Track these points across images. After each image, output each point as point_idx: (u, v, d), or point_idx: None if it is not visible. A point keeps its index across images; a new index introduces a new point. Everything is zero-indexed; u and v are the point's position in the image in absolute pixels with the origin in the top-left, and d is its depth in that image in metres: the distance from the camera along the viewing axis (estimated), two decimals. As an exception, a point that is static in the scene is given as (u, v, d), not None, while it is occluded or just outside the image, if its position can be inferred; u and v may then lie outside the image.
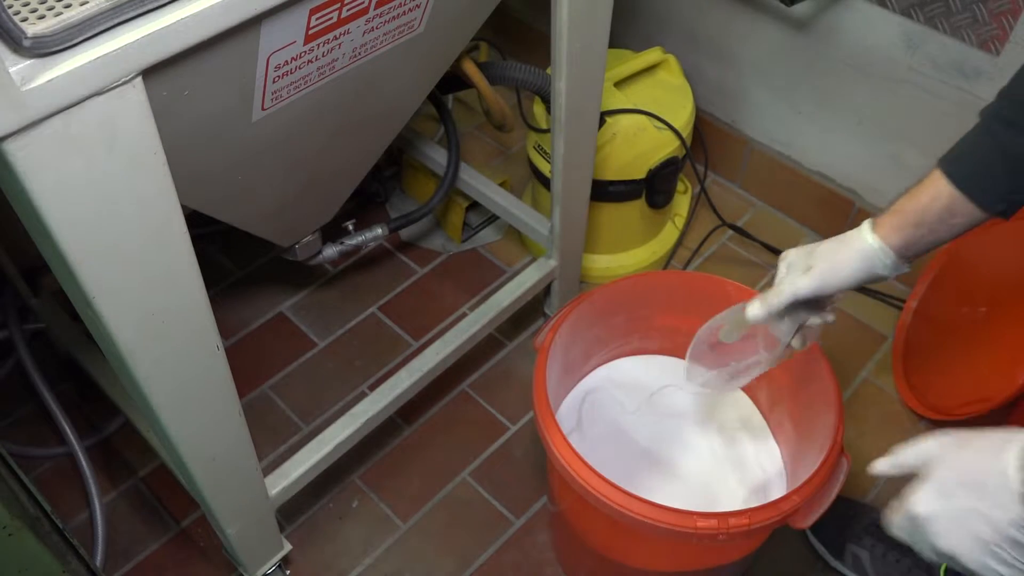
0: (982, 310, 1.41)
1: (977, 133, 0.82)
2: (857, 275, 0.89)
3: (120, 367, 0.86)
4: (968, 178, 0.81)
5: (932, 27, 1.36)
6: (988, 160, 0.80)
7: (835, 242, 0.90)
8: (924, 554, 0.70)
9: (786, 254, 0.95)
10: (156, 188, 0.73)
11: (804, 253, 0.93)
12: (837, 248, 0.90)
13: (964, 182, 0.81)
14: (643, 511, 0.97)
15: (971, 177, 0.81)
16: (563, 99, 1.16)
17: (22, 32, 0.59)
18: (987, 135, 0.81)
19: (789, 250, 0.95)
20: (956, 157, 0.83)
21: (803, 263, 0.92)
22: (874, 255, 0.87)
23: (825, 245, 0.91)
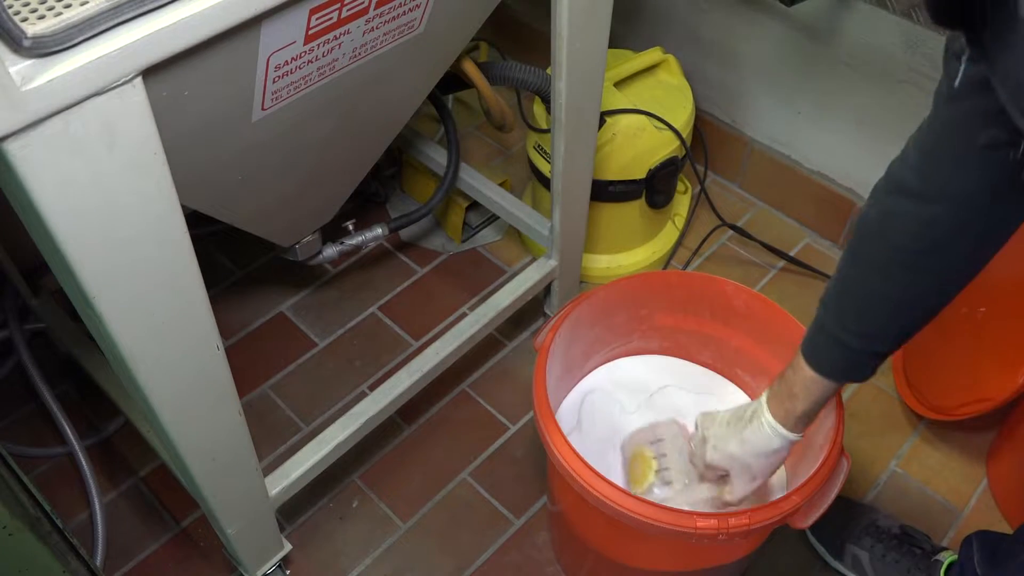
0: (982, 310, 1.41)
1: (825, 333, 0.89)
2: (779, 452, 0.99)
3: (120, 367, 0.86)
4: (837, 371, 0.90)
5: (932, 27, 1.36)
6: (849, 359, 0.88)
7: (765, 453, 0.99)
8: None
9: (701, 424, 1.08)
10: (156, 188, 0.73)
11: (740, 467, 1.02)
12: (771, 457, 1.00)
13: (839, 375, 0.91)
14: (643, 511, 0.97)
15: (840, 371, 0.90)
16: (563, 99, 1.16)
17: (22, 32, 0.59)
18: (835, 338, 0.88)
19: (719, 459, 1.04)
20: (818, 358, 0.91)
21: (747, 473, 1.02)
22: (784, 437, 0.97)
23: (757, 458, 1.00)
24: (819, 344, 0.90)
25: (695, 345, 1.33)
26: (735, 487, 1.04)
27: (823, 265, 1.69)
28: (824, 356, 0.90)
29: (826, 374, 0.90)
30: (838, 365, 0.90)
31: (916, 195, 0.77)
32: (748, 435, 0.99)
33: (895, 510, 1.35)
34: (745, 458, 1.00)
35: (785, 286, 1.69)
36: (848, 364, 0.89)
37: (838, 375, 0.90)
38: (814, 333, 0.91)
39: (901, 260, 0.81)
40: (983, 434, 1.47)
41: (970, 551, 1.15)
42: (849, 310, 0.86)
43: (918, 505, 1.40)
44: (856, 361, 0.89)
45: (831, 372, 0.90)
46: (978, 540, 1.15)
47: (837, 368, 0.90)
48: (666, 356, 1.35)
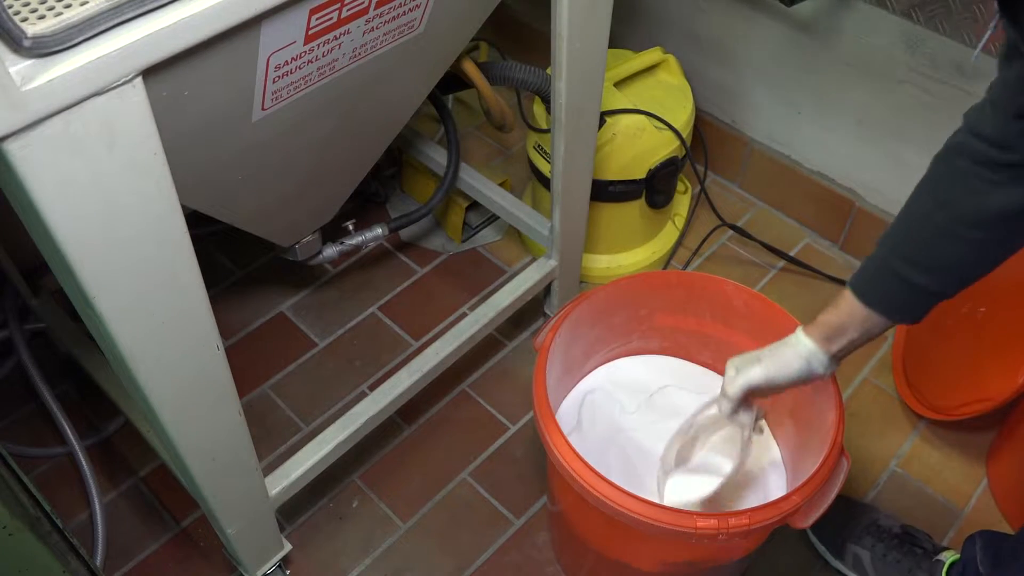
0: (982, 310, 1.41)
1: (885, 268, 0.90)
2: (800, 372, 0.99)
3: (120, 367, 0.86)
4: (880, 302, 0.91)
5: (932, 27, 1.36)
6: (901, 294, 0.89)
7: (777, 345, 1.01)
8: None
9: (731, 361, 1.05)
10: (156, 188, 0.73)
11: (751, 356, 1.03)
12: (781, 349, 1.00)
13: (878, 306, 0.91)
14: (643, 511, 0.97)
15: (881, 301, 0.91)
16: (563, 99, 1.16)
17: (22, 32, 0.59)
18: (897, 275, 0.88)
19: (734, 357, 1.05)
20: (870, 288, 0.92)
21: (751, 360, 1.02)
22: (811, 356, 0.98)
23: (768, 348, 1.02)
24: (877, 280, 0.91)
25: (695, 345, 1.33)
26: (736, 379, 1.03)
27: (823, 265, 1.69)
28: (881, 291, 0.90)
29: (881, 309, 0.91)
30: (896, 301, 0.90)
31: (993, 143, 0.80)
32: (775, 351, 1.00)
33: (895, 510, 1.35)
34: (768, 374, 1.00)
35: (785, 286, 1.69)
36: (907, 302, 0.90)
37: (893, 312, 0.91)
38: (872, 269, 0.91)
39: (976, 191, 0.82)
40: (983, 434, 1.47)
41: (973, 550, 1.15)
42: (919, 247, 0.86)
43: (918, 505, 1.40)
44: (916, 300, 0.89)
45: (887, 308, 0.91)
46: (981, 540, 1.15)
47: (894, 304, 0.90)
48: (666, 356, 1.35)
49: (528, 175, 1.78)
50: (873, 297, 0.91)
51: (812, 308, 0.94)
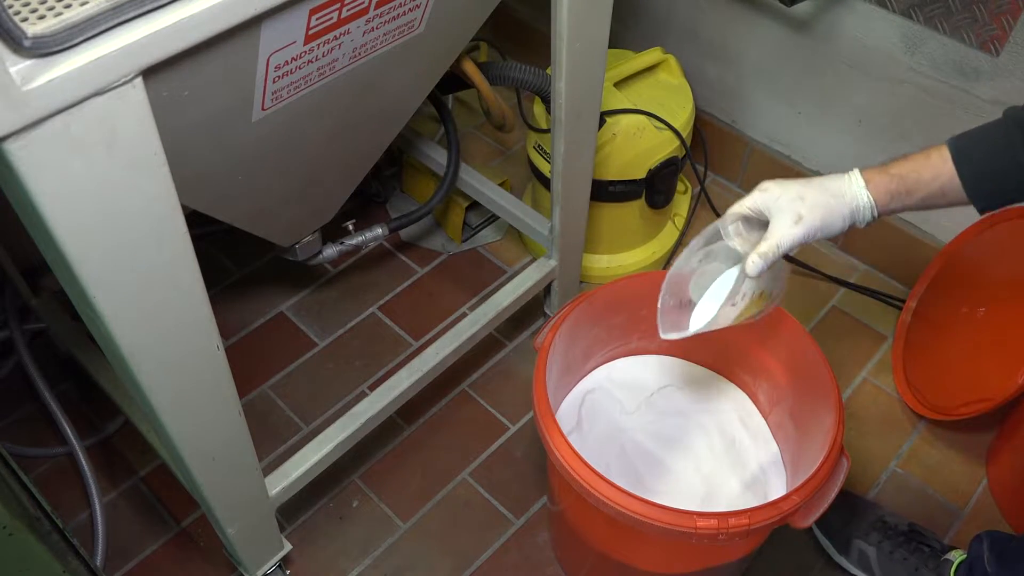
0: (982, 310, 1.42)
1: (998, 137, 0.82)
2: (842, 229, 0.89)
3: (120, 367, 0.86)
4: (975, 178, 0.82)
5: (932, 27, 1.36)
6: (1001, 169, 0.81)
7: (826, 193, 0.88)
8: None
9: (768, 188, 0.90)
10: (156, 188, 0.73)
11: (793, 197, 0.88)
12: (830, 202, 0.88)
13: (971, 180, 0.83)
14: (643, 511, 0.97)
15: (978, 178, 0.83)
16: (563, 99, 1.16)
17: (22, 32, 0.59)
18: (1008, 147, 0.81)
19: (771, 184, 0.90)
20: (970, 154, 0.83)
21: (792, 210, 0.88)
22: (862, 212, 0.87)
23: (815, 193, 0.88)
24: (981, 139, 0.82)
25: (695, 345, 1.33)
26: (771, 232, 0.88)
27: (823, 265, 1.69)
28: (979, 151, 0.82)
29: (966, 170, 0.82)
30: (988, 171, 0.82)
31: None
32: (820, 178, 0.88)
33: (895, 509, 1.35)
34: (802, 189, 0.88)
35: (785, 286, 1.68)
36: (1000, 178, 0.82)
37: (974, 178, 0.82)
38: (984, 130, 0.83)
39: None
40: (983, 434, 1.47)
41: (980, 550, 1.15)
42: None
43: (918, 505, 1.40)
44: (1013, 180, 0.81)
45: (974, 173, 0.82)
46: (988, 539, 1.15)
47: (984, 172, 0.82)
48: (666, 356, 1.35)
49: (528, 175, 1.78)
50: (971, 162, 0.81)
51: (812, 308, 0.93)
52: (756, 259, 0.89)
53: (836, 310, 1.65)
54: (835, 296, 1.67)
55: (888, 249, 1.66)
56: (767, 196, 0.90)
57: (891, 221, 1.62)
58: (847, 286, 1.68)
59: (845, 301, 1.66)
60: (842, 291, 1.67)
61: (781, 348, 1.21)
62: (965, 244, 1.47)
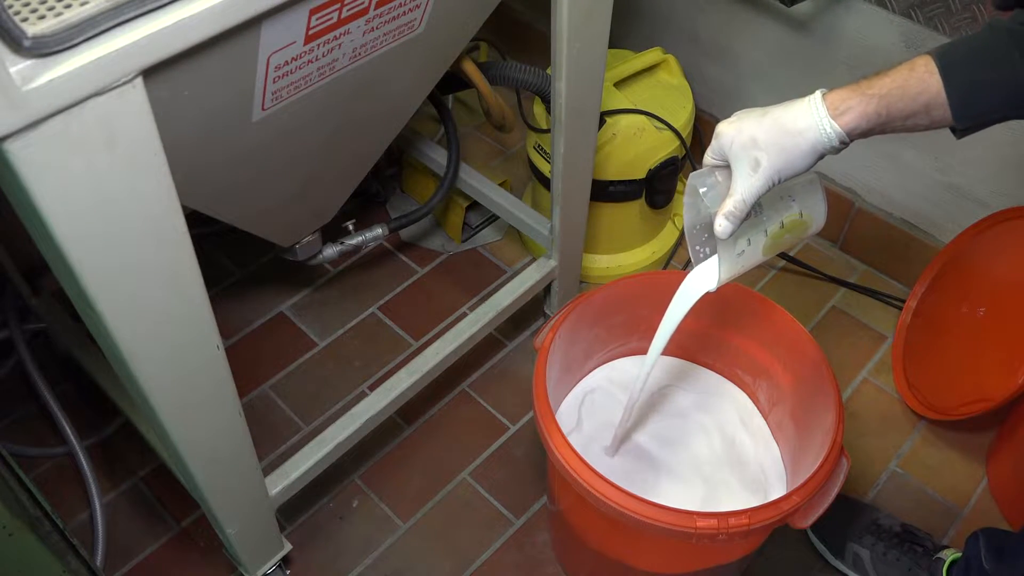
0: (982, 310, 1.42)
1: (992, 50, 0.73)
2: (810, 166, 0.80)
3: (120, 367, 0.86)
4: (965, 91, 0.73)
5: (932, 28, 1.36)
6: (993, 82, 0.73)
7: (782, 131, 0.78)
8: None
9: (722, 132, 0.83)
10: (156, 188, 0.73)
11: (746, 143, 0.80)
12: (787, 141, 0.78)
13: (958, 94, 0.73)
14: (643, 511, 0.97)
15: (968, 92, 0.74)
16: (563, 99, 1.16)
17: (22, 32, 0.59)
18: (1004, 59, 0.72)
19: (725, 126, 0.82)
20: (961, 66, 0.74)
21: (748, 157, 0.80)
22: (827, 145, 0.78)
23: (770, 133, 0.79)
24: (971, 51, 0.73)
25: (695, 345, 1.33)
26: (734, 186, 0.81)
27: (823, 265, 1.69)
28: (970, 64, 0.73)
29: (953, 83, 0.73)
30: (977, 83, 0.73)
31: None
32: (777, 109, 0.79)
33: (895, 510, 1.35)
34: (755, 129, 0.79)
35: (785, 286, 1.68)
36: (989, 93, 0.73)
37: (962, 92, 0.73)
38: (974, 41, 0.74)
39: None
40: (983, 434, 1.47)
41: (977, 547, 1.15)
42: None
43: (918, 505, 1.40)
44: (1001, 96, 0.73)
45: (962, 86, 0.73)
46: (985, 536, 1.15)
47: (973, 84, 0.73)
48: (666, 356, 1.35)
49: (528, 175, 1.78)
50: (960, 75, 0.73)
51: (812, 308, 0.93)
52: (722, 221, 0.82)
53: (836, 310, 1.65)
54: (835, 296, 1.67)
55: (888, 249, 1.66)
56: (722, 142, 0.82)
57: (891, 221, 1.62)
58: (847, 286, 1.68)
59: (845, 301, 1.66)
60: (842, 291, 1.67)
61: (781, 348, 1.21)
62: (965, 244, 1.47)
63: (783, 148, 0.78)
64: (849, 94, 0.76)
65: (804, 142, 0.78)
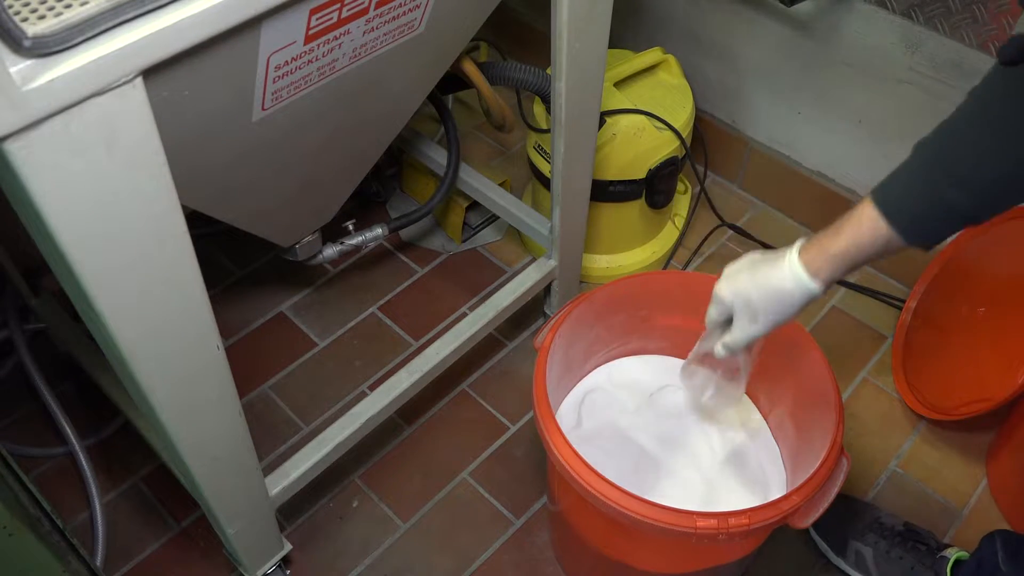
0: (982, 310, 1.42)
1: (918, 181, 0.82)
2: (798, 314, 0.93)
3: (121, 367, 0.86)
4: (911, 226, 0.82)
5: (932, 28, 1.36)
6: (932, 213, 0.81)
7: (773, 297, 0.92)
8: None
9: (721, 296, 0.97)
10: (156, 188, 0.73)
11: (743, 305, 0.95)
12: (776, 304, 0.92)
13: (908, 230, 0.82)
14: (643, 511, 0.97)
15: (914, 225, 0.82)
16: (563, 99, 1.16)
17: (22, 32, 0.59)
18: (932, 187, 0.80)
19: (723, 289, 0.97)
20: (898, 205, 0.83)
21: (747, 312, 0.95)
22: (814, 297, 0.90)
23: (764, 299, 0.92)
24: (904, 188, 0.81)
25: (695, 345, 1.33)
26: (733, 329, 0.97)
27: (823, 265, 1.69)
28: (907, 201, 0.81)
29: (899, 223, 0.81)
30: (919, 216, 0.81)
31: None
32: (764, 268, 0.92)
33: (895, 509, 1.35)
34: (750, 291, 0.93)
35: (785, 286, 1.68)
36: (933, 220, 0.81)
37: (910, 227, 0.81)
38: (902, 176, 0.82)
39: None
40: (983, 434, 1.47)
41: (993, 547, 1.14)
42: (966, 160, 0.77)
43: (918, 505, 1.40)
44: (944, 219, 0.80)
45: (908, 222, 0.81)
46: (1001, 538, 1.15)
47: (916, 218, 0.81)
48: (666, 356, 1.35)
49: (528, 175, 1.78)
50: (902, 214, 0.81)
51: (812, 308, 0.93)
52: (720, 350, 1.00)
53: (836, 310, 1.65)
54: (835, 296, 1.67)
55: (888, 249, 1.65)
56: (725, 305, 0.98)
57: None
58: (847, 286, 1.68)
59: (845, 301, 1.66)
60: (842, 291, 1.68)
61: (781, 348, 1.21)
62: (965, 244, 1.47)
63: (779, 309, 0.92)
64: (817, 255, 0.87)
65: (796, 300, 0.91)
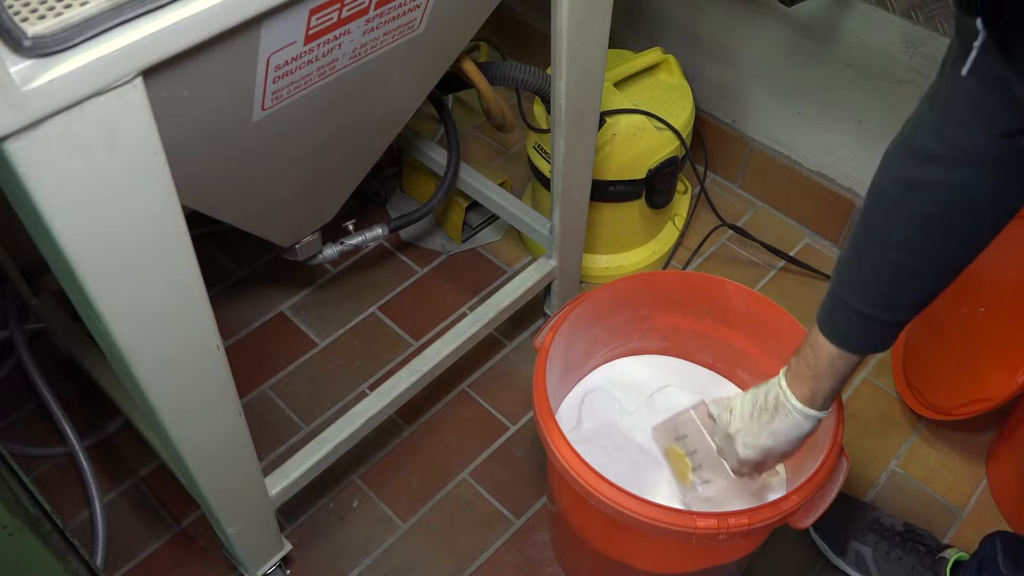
0: (982, 310, 1.41)
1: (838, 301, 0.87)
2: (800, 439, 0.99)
3: (121, 367, 0.86)
4: (849, 342, 0.89)
5: (932, 28, 1.36)
6: (858, 329, 0.88)
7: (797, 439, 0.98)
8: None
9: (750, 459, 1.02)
10: (156, 188, 0.73)
11: (773, 457, 1.01)
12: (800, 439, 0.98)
13: (855, 346, 0.89)
14: (643, 511, 0.97)
15: (857, 341, 0.89)
16: (563, 99, 1.16)
17: (22, 32, 0.59)
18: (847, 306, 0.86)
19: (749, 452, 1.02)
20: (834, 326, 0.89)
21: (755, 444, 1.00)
22: (815, 423, 0.96)
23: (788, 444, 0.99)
24: (839, 320, 0.88)
25: (695, 345, 1.33)
26: (772, 466, 1.05)
27: (823, 265, 1.69)
28: (847, 331, 0.88)
29: (852, 349, 0.89)
30: (862, 339, 0.88)
31: (944, 160, 0.75)
32: (778, 426, 0.97)
33: (895, 510, 1.35)
34: (779, 447, 0.99)
35: (785, 286, 1.69)
36: (872, 336, 0.88)
37: (862, 348, 0.89)
38: (832, 309, 0.89)
39: (929, 227, 0.78)
40: (983, 434, 1.47)
41: (993, 549, 1.14)
42: (871, 283, 0.84)
43: (918, 505, 1.40)
44: (881, 333, 0.88)
45: (857, 347, 0.89)
46: (1002, 540, 1.15)
47: (862, 341, 0.89)
48: (666, 356, 1.35)
49: (528, 175, 1.78)
50: (847, 340, 0.89)
51: (812, 308, 0.94)
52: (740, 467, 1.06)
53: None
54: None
55: (888, 249, 1.65)
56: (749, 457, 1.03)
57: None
58: (847, 286, 1.68)
59: (845, 301, 1.66)
60: (842, 291, 1.67)
61: (781, 348, 1.21)
62: (965, 244, 1.46)
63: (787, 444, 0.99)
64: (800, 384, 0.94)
65: (802, 434, 0.98)
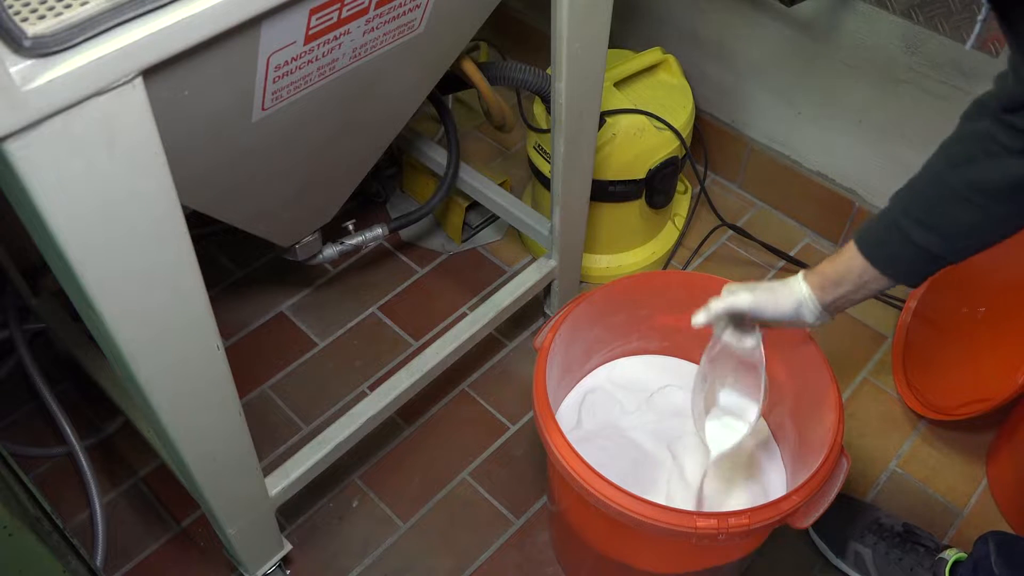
0: (982, 310, 1.41)
1: (891, 223, 0.89)
2: (788, 312, 0.99)
3: (120, 367, 0.86)
4: (882, 260, 0.91)
5: (932, 28, 1.36)
6: (903, 252, 0.89)
7: (777, 282, 1.01)
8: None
9: (729, 285, 1.05)
10: (156, 188, 0.73)
11: (748, 284, 1.04)
12: (778, 286, 1.00)
13: (880, 263, 0.91)
14: (643, 511, 0.97)
15: (884, 259, 0.91)
16: (563, 99, 1.16)
17: (22, 32, 0.59)
18: (901, 231, 0.88)
19: (732, 283, 1.06)
20: (873, 241, 0.91)
21: (747, 287, 1.03)
22: (804, 301, 0.98)
23: (766, 283, 1.02)
24: (883, 236, 0.90)
25: (695, 345, 1.32)
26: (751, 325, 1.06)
27: (823, 265, 1.69)
28: (886, 249, 0.90)
29: (882, 267, 0.90)
30: (899, 261, 0.89)
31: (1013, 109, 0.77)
32: (778, 287, 0.99)
33: (895, 510, 1.35)
34: (766, 305, 1.00)
35: (785, 286, 1.68)
36: (911, 263, 0.89)
37: (894, 271, 0.90)
38: (880, 226, 0.90)
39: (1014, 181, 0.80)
40: (983, 434, 1.47)
41: (986, 550, 1.14)
42: (929, 207, 0.85)
43: (918, 505, 1.40)
44: (919, 262, 0.89)
45: (889, 266, 0.90)
46: (994, 540, 1.15)
47: (897, 264, 0.90)
48: (666, 356, 1.35)
49: (528, 175, 1.78)
50: (877, 254, 0.90)
51: (812, 308, 0.94)
52: (699, 312, 1.06)
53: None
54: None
55: (888, 249, 1.65)
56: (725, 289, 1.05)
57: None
58: (847, 286, 1.68)
59: (845, 301, 1.66)
60: (842, 291, 1.67)
61: (781, 348, 1.21)
62: (965, 244, 1.46)
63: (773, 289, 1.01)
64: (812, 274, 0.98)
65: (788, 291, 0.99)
